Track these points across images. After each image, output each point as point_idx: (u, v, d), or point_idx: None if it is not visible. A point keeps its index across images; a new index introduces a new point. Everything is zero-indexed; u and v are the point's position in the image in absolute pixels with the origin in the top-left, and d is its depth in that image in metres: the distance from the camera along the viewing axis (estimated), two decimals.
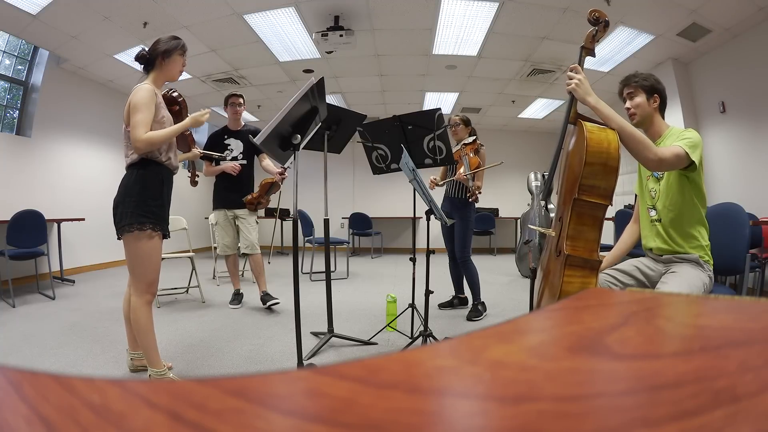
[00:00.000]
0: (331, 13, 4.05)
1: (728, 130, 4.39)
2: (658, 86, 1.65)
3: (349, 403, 0.17)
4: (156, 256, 1.82)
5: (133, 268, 1.79)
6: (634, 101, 1.65)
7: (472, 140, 3.07)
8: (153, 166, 1.80)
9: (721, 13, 3.76)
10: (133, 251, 1.76)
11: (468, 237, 3.08)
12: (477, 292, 3.09)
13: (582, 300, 0.36)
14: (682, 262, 1.61)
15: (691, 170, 1.52)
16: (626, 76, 1.70)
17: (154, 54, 1.80)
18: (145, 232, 1.75)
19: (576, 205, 1.38)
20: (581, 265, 1.38)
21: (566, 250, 1.39)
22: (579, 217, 1.40)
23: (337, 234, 7.83)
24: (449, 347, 0.25)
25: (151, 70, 1.81)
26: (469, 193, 2.84)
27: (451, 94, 6.42)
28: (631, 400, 0.17)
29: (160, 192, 1.82)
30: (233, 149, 3.22)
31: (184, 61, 1.89)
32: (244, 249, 3.24)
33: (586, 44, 1.51)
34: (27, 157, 4.62)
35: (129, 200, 1.74)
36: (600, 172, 1.35)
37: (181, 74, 1.90)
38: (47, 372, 0.20)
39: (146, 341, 1.80)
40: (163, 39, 1.82)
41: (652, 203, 1.68)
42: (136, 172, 1.77)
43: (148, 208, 1.76)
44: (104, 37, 4.25)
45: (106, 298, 3.65)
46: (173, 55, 1.82)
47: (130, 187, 1.76)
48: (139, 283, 1.79)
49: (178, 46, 1.83)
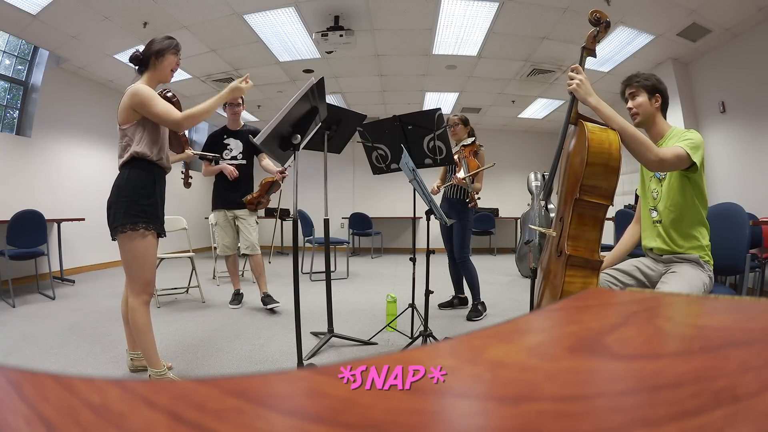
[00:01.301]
0: (331, 13, 4.05)
1: (728, 130, 4.39)
2: (659, 86, 1.65)
3: (349, 403, 0.17)
4: (151, 255, 1.80)
5: (129, 269, 1.78)
6: (636, 101, 1.65)
7: (471, 141, 3.06)
8: (145, 165, 1.78)
9: (721, 13, 3.76)
10: (128, 251, 1.76)
11: (467, 237, 3.08)
12: (477, 292, 3.09)
13: (582, 300, 0.36)
14: (683, 262, 1.61)
15: (693, 171, 1.52)
16: (628, 77, 1.70)
17: (148, 54, 1.79)
18: (138, 231, 1.74)
19: (577, 206, 1.39)
20: (582, 265, 1.39)
21: (567, 250, 1.39)
22: (580, 218, 1.40)
23: (337, 234, 7.83)
24: (449, 347, 0.25)
25: (145, 71, 1.82)
26: (469, 198, 2.83)
27: (451, 94, 6.42)
28: (631, 400, 0.17)
29: (152, 191, 1.81)
30: (233, 149, 3.21)
31: (178, 60, 1.87)
32: (244, 249, 3.23)
33: (588, 45, 1.51)
34: (27, 157, 4.62)
35: (121, 200, 1.74)
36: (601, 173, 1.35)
37: (173, 74, 1.88)
38: (47, 372, 0.20)
39: (145, 342, 1.79)
40: (157, 39, 1.82)
41: (654, 204, 1.68)
42: (128, 172, 1.77)
43: (141, 207, 1.75)
44: (104, 37, 4.25)
45: (106, 298, 3.65)
46: (166, 54, 1.80)
47: (122, 187, 1.75)
48: (135, 283, 1.78)
49: (171, 45, 1.81)
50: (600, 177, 1.36)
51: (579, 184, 1.36)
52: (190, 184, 2.70)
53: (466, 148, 3.01)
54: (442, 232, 3.23)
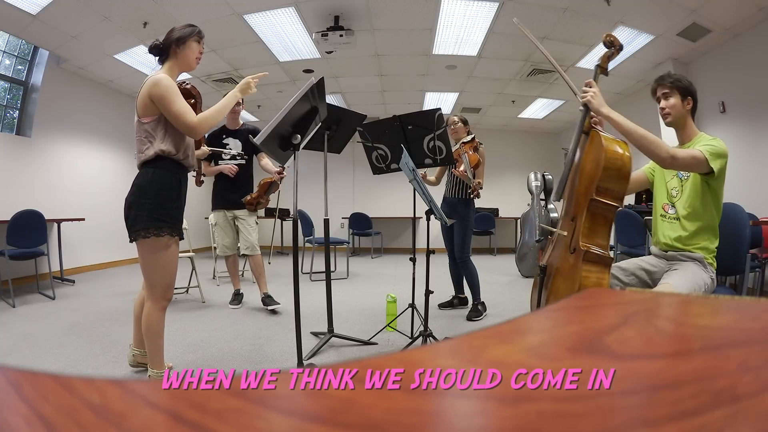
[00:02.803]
0: (331, 13, 4.05)
1: (728, 130, 4.39)
2: (692, 88, 1.66)
3: (349, 403, 0.17)
4: (173, 262, 1.72)
5: (149, 274, 1.70)
6: (669, 102, 1.65)
7: (470, 138, 3.07)
8: (170, 164, 1.67)
9: (721, 13, 3.76)
10: (150, 258, 1.66)
11: (467, 237, 3.08)
12: (477, 292, 3.09)
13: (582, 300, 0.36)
14: (687, 260, 1.63)
15: (711, 178, 1.55)
16: (660, 76, 1.71)
17: (167, 42, 1.69)
18: (163, 238, 1.64)
19: (592, 205, 1.51)
20: (596, 260, 1.49)
21: (582, 247, 1.49)
22: (593, 217, 1.52)
23: (337, 234, 7.82)
24: (449, 347, 0.25)
25: (166, 60, 1.70)
26: (470, 189, 2.83)
27: (451, 94, 6.42)
28: (631, 400, 0.17)
29: (178, 193, 1.72)
30: (232, 148, 3.21)
31: (201, 48, 1.76)
32: (243, 250, 3.23)
33: (602, 64, 1.65)
34: (27, 157, 4.62)
35: (145, 202, 1.62)
36: (615, 177, 1.50)
37: (199, 62, 1.77)
38: (47, 372, 0.20)
39: (155, 345, 1.76)
40: (177, 27, 1.71)
41: (672, 201, 1.70)
42: (153, 171, 1.65)
43: (166, 211, 1.65)
44: (104, 37, 4.25)
45: (106, 298, 3.65)
46: (188, 42, 1.70)
47: (146, 188, 1.63)
48: (155, 288, 1.70)
49: (194, 32, 1.72)
50: (613, 180, 1.50)
51: (595, 186, 1.50)
52: (202, 182, 2.68)
53: (466, 145, 3.01)
54: (443, 232, 3.23)
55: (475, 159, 2.92)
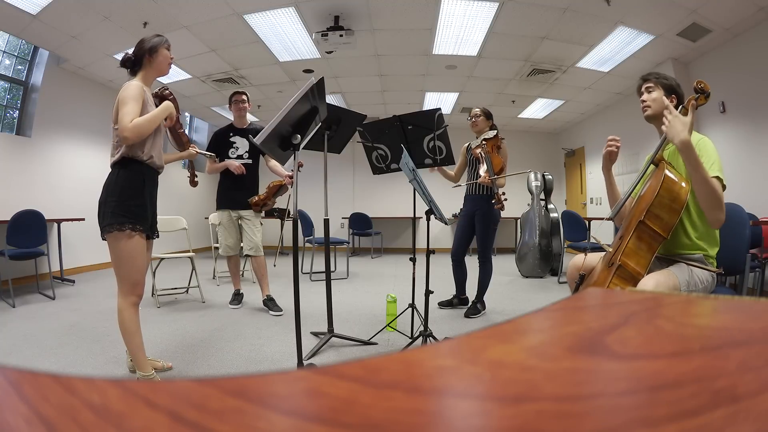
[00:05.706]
0: (331, 13, 4.05)
1: (728, 130, 4.39)
2: (678, 90, 1.66)
3: (349, 403, 0.17)
4: (139, 256, 1.79)
5: (117, 269, 1.78)
6: (651, 95, 1.65)
7: (493, 135, 2.90)
8: (134, 165, 1.79)
9: (721, 13, 3.76)
10: (115, 252, 1.75)
11: (491, 236, 3.00)
12: (484, 291, 3.07)
13: (582, 300, 0.36)
14: (687, 261, 1.62)
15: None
16: (647, 73, 1.71)
17: (140, 53, 1.82)
18: (125, 232, 1.74)
19: (639, 228, 1.53)
20: (627, 277, 1.51)
21: (618, 261, 1.52)
22: (639, 239, 1.54)
23: (337, 234, 7.82)
24: (449, 347, 0.25)
25: (139, 70, 1.84)
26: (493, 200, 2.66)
27: (451, 94, 6.42)
28: (631, 400, 0.17)
29: (140, 192, 1.80)
30: (239, 147, 3.19)
31: (171, 55, 1.91)
32: (247, 251, 3.19)
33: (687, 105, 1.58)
34: (27, 157, 4.62)
35: (110, 200, 1.74)
36: (667, 207, 1.50)
37: (170, 67, 1.92)
38: (47, 372, 0.20)
39: (132, 344, 1.79)
40: (147, 38, 1.85)
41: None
42: (118, 172, 1.77)
43: (128, 207, 1.75)
44: (104, 37, 4.25)
45: (106, 298, 3.65)
46: (160, 49, 1.84)
47: (111, 188, 1.76)
48: (123, 284, 1.77)
49: (163, 41, 1.86)
50: (665, 210, 1.50)
51: (647, 210, 1.50)
52: (196, 183, 2.69)
53: (489, 142, 2.87)
54: (459, 227, 3.12)
55: (500, 163, 2.74)
